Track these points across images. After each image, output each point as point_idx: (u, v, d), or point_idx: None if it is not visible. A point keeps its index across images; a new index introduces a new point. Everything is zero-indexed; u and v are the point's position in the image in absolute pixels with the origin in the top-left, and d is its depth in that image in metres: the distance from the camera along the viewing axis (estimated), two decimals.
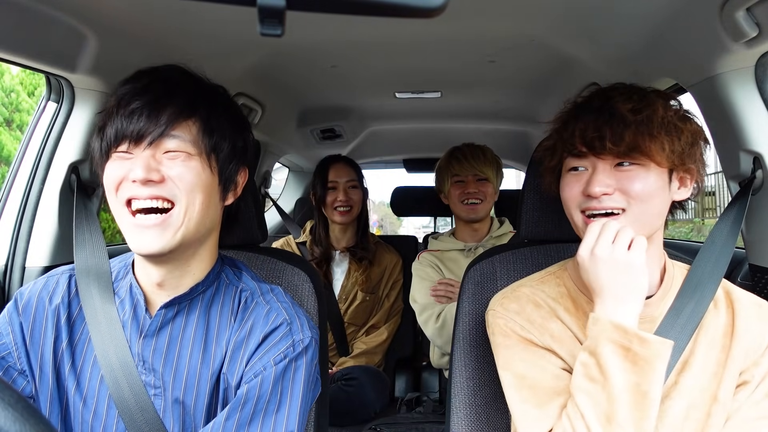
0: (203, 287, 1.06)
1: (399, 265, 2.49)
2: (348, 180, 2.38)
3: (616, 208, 0.98)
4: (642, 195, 0.97)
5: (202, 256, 1.06)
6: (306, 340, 1.03)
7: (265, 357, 1.00)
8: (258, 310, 1.05)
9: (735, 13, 1.12)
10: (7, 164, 8.32)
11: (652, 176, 0.98)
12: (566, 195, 1.05)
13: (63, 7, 1.19)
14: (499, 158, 2.26)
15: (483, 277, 1.35)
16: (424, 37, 1.65)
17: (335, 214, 2.35)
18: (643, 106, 0.98)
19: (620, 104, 0.98)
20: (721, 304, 1.06)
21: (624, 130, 0.96)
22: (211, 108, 1.01)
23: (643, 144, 0.95)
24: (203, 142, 0.99)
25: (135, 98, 0.96)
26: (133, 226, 0.96)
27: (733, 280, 1.56)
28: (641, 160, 0.97)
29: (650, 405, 0.90)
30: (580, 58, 1.75)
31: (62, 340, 1.05)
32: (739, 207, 1.19)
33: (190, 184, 0.97)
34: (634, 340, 0.90)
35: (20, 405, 0.53)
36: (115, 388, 1.00)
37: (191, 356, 1.03)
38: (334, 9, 0.42)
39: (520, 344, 1.05)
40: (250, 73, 1.90)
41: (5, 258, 1.48)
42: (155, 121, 0.95)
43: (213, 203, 1.03)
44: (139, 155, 0.96)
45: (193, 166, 0.97)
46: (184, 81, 1.02)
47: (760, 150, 1.28)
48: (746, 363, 1.00)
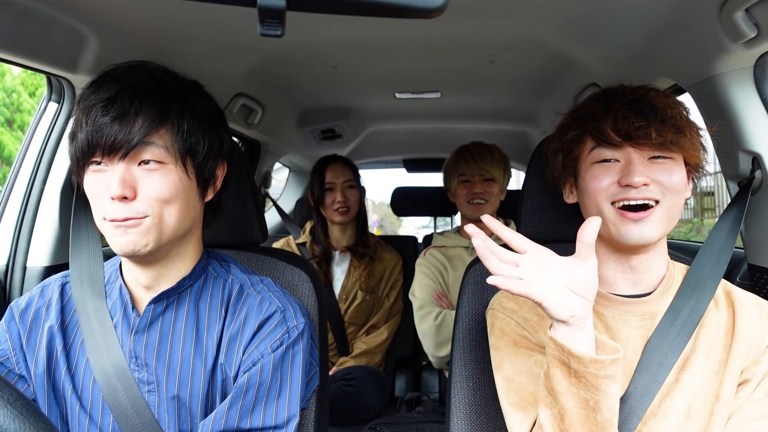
0: (190, 281, 1.07)
1: (399, 264, 2.50)
2: (345, 180, 2.38)
3: (652, 199, 0.98)
4: (677, 187, 0.99)
5: (185, 253, 1.07)
6: (300, 326, 1.05)
7: (261, 345, 1.02)
8: (250, 300, 1.07)
9: (734, 13, 1.12)
10: (8, 164, 8.32)
11: (681, 170, 1.01)
12: (595, 186, 1.02)
13: (63, 8, 1.19)
14: (507, 157, 2.26)
15: (483, 276, 1.35)
16: (424, 38, 1.66)
17: (334, 214, 2.36)
18: (674, 103, 1.01)
19: (655, 98, 1.00)
20: (721, 303, 1.06)
21: (665, 123, 0.97)
22: (182, 112, 0.99)
23: (681, 139, 0.97)
24: (177, 147, 0.98)
25: (104, 109, 0.94)
26: (111, 228, 0.96)
27: (732, 279, 1.57)
28: (675, 154, 1.00)
29: (604, 420, 0.87)
30: (580, 59, 1.75)
31: (57, 346, 1.06)
32: (739, 207, 1.20)
33: (164, 197, 0.96)
34: (570, 358, 0.87)
35: (19, 403, 0.53)
36: (109, 393, 1.01)
37: (183, 349, 1.04)
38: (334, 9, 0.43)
39: (510, 347, 1.05)
40: (251, 73, 1.91)
41: (6, 258, 1.49)
42: (126, 133, 0.93)
43: (191, 206, 1.03)
44: (113, 169, 0.95)
45: (170, 178, 0.97)
46: (152, 87, 0.99)
47: (759, 150, 1.28)
48: (747, 362, 1.00)
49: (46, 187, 1.48)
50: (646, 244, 1.00)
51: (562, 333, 0.88)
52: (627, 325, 1.04)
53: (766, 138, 1.28)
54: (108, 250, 1.15)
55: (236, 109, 2.13)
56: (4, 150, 8.71)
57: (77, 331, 1.07)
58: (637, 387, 1.00)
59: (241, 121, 2.27)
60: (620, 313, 1.04)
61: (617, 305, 1.05)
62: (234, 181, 1.29)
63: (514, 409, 1.00)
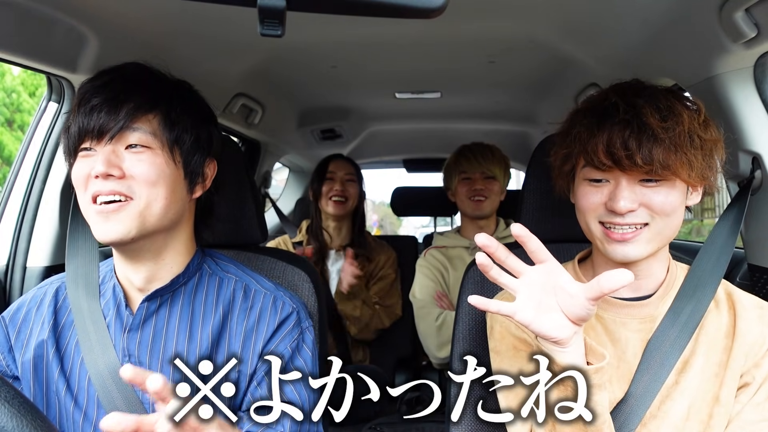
0: (184, 278, 1.08)
1: (391, 260, 2.47)
2: (346, 173, 2.37)
3: (639, 224, 0.96)
4: (667, 210, 0.96)
5: (175, 250, 1.07)
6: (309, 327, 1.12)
7: (281, 344, 1.07)
8: (259, 297, 1.10)
9: (734, 13, 1.12)
10: (8, 164, 8.32)
11: (676, 191, 0.96)
12: (584, 205, 1.01)
13: (63, 8, 1.19)
14: (508, 158, 2.26)
15: (483, 276, 1.34)
16: (424, 38, 1.66)
17: (329, 204, 2.34)
18: (670, 116, 0.93)
19: (649, 116, 0.93)
20: (722, 305, 1.05)
21: (654, 147, 0.91)
22: (171, 101, 1.02)
23: (673, 163, 0.91)
24: (165, 134, 1.00)
25: (95, 95, 0.98)
26: (95, 214, 0.97)
27: (732, 279, 1.57)
28: (668, 176, 0.94)
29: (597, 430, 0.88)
30: (580, 59, 1.75)
31: (48, 346, 1.06)
32: (739, 207, 1.19)
33: (152, 179, 0.98)
34: (555, 367, 0.88)
35: (17, 401, 0.53)
36: (103, 393, 1.02)
37: (177, 345, 1.05)
38: (334, 9, 0.43)
39: (510, 350, 1.05)
40: (251, 73, 1.91)
41: (6, 258, 1.49)
42: (114, 117, 0.96)
43: (178, 196, 1.04)
44: (100, 150, 0.97)
45: (156, 162, 0.99)
46: (144, 77, 1.03)
47: (758, 150, 1.28)
48: (747, 365, 1.00)
49: (46, 187, 1.48)
50: (633, 261, 0.99)
51: (548, 347, 0.89)
52: (627, 328, 1.03)
53: (766, 138, 1.28)
54: (105, 250, 1.16)
55: (236, 109, 2.13)
56: (4, 150, 8.71)
57: (73, 331, 1.07)
58: (637, 388, 0.99)
59: (241, 121, 2.27)
60: (620, 317, 1.04)
61: (617, 308, 1.04)
62: (234, 181, 1.29)
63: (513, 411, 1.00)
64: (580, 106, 1.05)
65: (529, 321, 0.86)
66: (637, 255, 0.97)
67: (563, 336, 0.86)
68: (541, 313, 0.86)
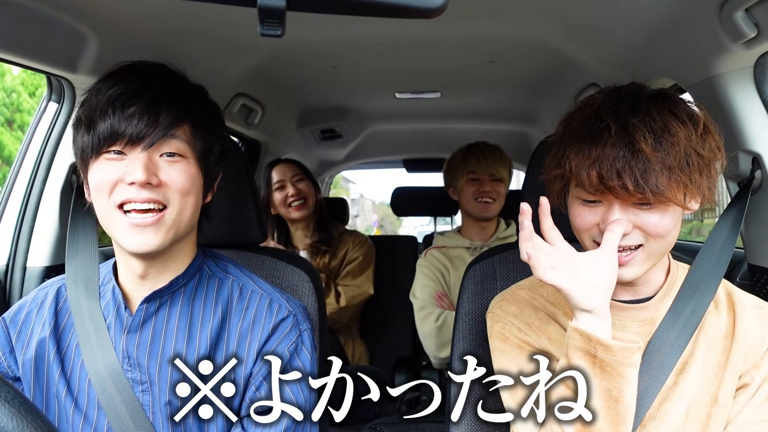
0: (184, 280, 1.08)
1: (364, 247, 2.43)
2: (294, 175, 2.33)
3: (632, 246, 0.96)
4: (661, 232, 0.94)
5: (183, 251, 1.08)
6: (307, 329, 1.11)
7: (278, 347, 1.06)
8: (255, 298, 1.09)
9: (734, 13, 1.12)
10: (8, 164, 8.32)
11: (670, 212, 0.94)
12: (578, 224, 1.00)
13: (63, 8, 1.19)
14: (511, 160, 2.26)
15: (483, 276, 1.35)
16: (424, 37, 1.66)
17: (291, 211, 2.31)
18: (665, 137, 0.90)
19: (641, 141, 0.89)
20: (722, 305, 1.05)
21: (647, 174, 0.89)
22: (202, 111, 1.05)
23: (667, 189, 0.89)
24: (196, 145, 1.02)
25: (133, 99, 0.97)
26: (128, 225, 0.96)
27: (732, 279, 1.56)
28: (662, 200, 0.92)
29: (624, 410, 0.90)
30: (580, 59, 1.75)
31: (49, 347, 1.06)
32: (739, 207, 1.19)
33: (186, 188, 0.99)
34: (597, 347, 0.90)
35: (17, 401, 0.53)
36: (103, 394, 1.02)
37: (175, 346, 1.04)
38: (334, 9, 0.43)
39: (515, 349, 1.05)
40: (250, 73, 1.91)
41: (6, 258, 1.49)
42: (154, 125, 0.96)
43: (200, 203, 1.06)
44: (135, 157, 0.96)
45: (190, 171, 1.01)
46: (177, 84, 1.04)
47: (758, 150, 1.28)
48: (746, 365, 1.00)
49: (46, 187, 1.48)
50: (626, 281, 0.98)
51: (588, 323, 0.91)
52: (626, 331, 1.02)
53: (766, 138, 1.28)
54: (105, 251, 1.15)
55: (236, 109, 2.13)
56: (4, 150, 8.71)
57: (73, 333, 1.07)
58: (637, 388, 0.99)
59: (241, 121, 2.27)
60: (619, 319, 1.03)
61: (616, 311, 1.04)
62: (234, 182, 1.29)
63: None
64: (572, 120, 1.00)
65: (569, 287, 0.90)
66: (632, 276, 0.97)
67: (600, 301, 0.91)
68: (578, 282, 0.91)
